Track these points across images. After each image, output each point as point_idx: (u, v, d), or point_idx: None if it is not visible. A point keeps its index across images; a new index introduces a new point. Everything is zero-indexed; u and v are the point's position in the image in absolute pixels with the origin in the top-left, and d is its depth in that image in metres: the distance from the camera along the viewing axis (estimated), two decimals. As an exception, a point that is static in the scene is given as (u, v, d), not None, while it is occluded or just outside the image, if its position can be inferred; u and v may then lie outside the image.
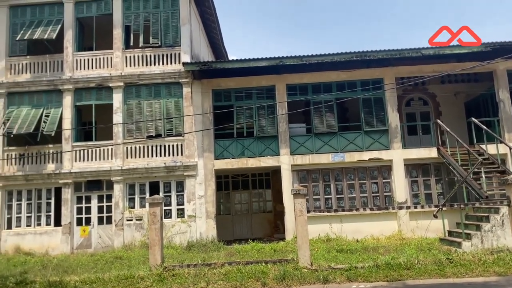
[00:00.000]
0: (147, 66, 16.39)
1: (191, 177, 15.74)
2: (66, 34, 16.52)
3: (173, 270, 9.55)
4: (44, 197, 15.94)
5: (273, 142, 16.09)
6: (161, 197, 10.75)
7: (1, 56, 16.57)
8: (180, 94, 16.25)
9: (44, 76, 16.40)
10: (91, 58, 16.58)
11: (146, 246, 14.52)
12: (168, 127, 16.06)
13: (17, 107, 16.25)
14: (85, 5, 16.78)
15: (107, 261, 12.50)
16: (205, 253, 12.98)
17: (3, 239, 15.33)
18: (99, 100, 16.38)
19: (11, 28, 16.80)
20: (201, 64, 15.82)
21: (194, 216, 15.49)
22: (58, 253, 14.91)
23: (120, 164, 15.70)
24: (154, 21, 16.49)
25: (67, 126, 15.98)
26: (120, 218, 15.41)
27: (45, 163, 16.03)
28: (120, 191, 15.59)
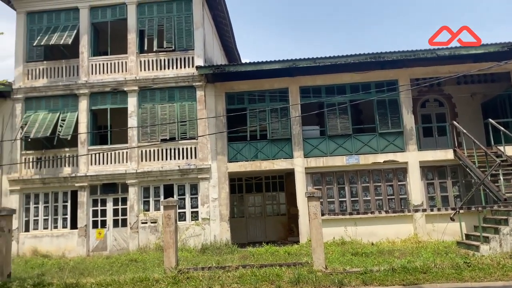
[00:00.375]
0: (161, 70, 16.52)
1: (205, 180, 15.80)
2: (81, 39, 16.77)
3: (188, 273, 9.58)
4: (60, 200, 16.17)
5: (286, 144, 16.05)
6: (175, 200, 10.80)
7: (18, 62, 16.88)
8: (194, 98, 16.34)
9: (60, 81, 16.66)
10: (106, 63, 16.79)
11: (160, 248, 14.60)
12: (182, 130, 16.16)
13: (34, 112, 16.54)
14: (100, 10, 17.02)
15: (122, 263, 12.60)
16: (219, 256, 13.01)
17: (21, 242, 15.58)
18: (114, 104, 16.57)
19: (29, 34, 17.11)
20: (214, 67, 15.90)
21: (208, 219, 15.53)
22: (75, 255, 15.10)
23: (135, 167, 15.84)
24: (167, 25, 16.63)
25: (83, 130, 16.20)
26: (135, 221, 15.54)
27: (62, 167, 16.26)
28: (135, 194, 15.72)
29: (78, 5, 16.86)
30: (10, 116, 16.57)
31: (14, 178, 16.02)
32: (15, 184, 16.03)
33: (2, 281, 9.68)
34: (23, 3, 17.04)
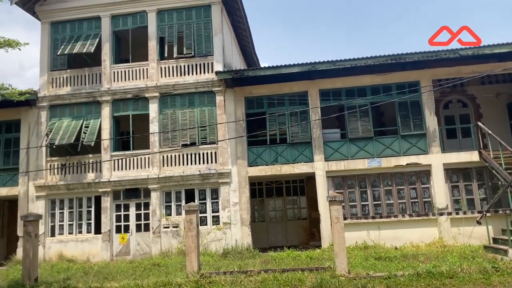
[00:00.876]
0: (181, 76, 16.70)
1: (225, 184, 15.85)
2: (103, 47, 17.12)
3: (210, 277, 9.61)
4: (84, 205, 16.47)
5: (306, 148, 15.97)
6: (197, 204, 10.87)
7: (43, 71, 17.34)
8: (214, 103, 16.45)
9: (83, 89, 17.02)
10: (127, 70, 17.08)
11: (183, 253, 14.70)
12: (202, 135, 16.28)
13: (58, 119, 16.93)
14: (121, 18, 17.35)
15: (145, 268, 12.73)
16: (241, 261, 12.99)
17: (47, 246, 15.92)
18: (136, 110, 16.83)
19: (53, 43, 17.56)
20: (233, 72, 15.97)
21: (229, 223, 15.56)
22: (99, 260, 15.33)
23: (157, 172, 16.02)
24: (187, 32, 16.82)
25: (105, 136, 16.50)
26: (158, 226, 15.70)
27: (86, 173, 16.58)
28: (157, 199, 15.89)
29: (100, 14, 17.23)
30: (36, 123, 17.01)
31: (40, 184, 16.42)
32: (41, 190, 16.43)
33: (30, 285, 9.94)
34: (48, 14, 17.52)
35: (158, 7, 17.00)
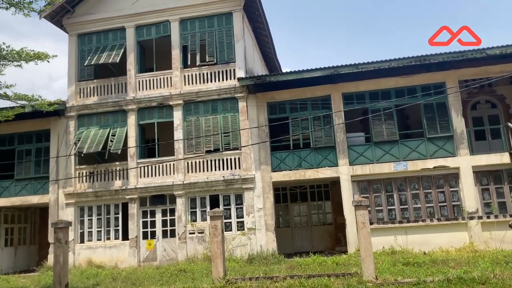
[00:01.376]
0: (204, 84, 16.89)
1: (249, 190, 15.88)
2: (128, 57, 17.51)
3: (236, 283, 9.63)
4: (112, 212, 16.81)
5: (330, 152, 15.85)
6: (221, 210, 10.93)
7: (71, 81, 17.85)
8: (236, 109, 16.55)
9: (109, 98, 17.42)
10: (152, 79, 17.40)
11: (208, 258, 14.78)
12: (226, 141, 16.38)
13: (86, 128, 17.37)
14: (145, 29, 17.72)
15: (171, 273, 12.85)
16: (266, 266, 12.96)
17: (77, 253, 16.31)
18: (161, 118, 17.10)
19: (80, 54, 18.08)
20: (255, 78, 16.04)
21: (253, 229, 15.57)
22: (126, 266, 15.59)
23: (182, 179, 16.21)
24: (209, 39, 17.02)
25: (132, 144, 16.82)
26: (183, 231, 15.85)
27: (113, 180, 16.93)
28: (182, 205, 16.06)
29: (125, 25, 17.64)
30: (65, 133, 17.51)
31: (69, 192, 16.86)
32: (70, 197, 16.87)
33: (61, 291, 10.15)
34: (75, 26, 18.06)
35: (180, 16, 17.29)
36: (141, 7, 17.48)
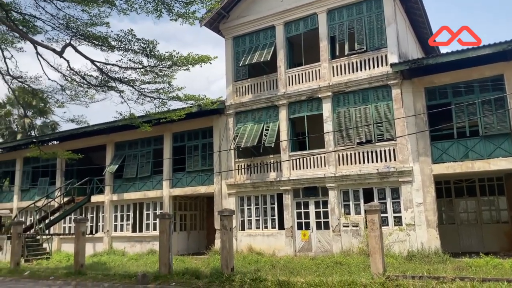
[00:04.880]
0: (353, 73, 16.44)
1: (407, 183, 14.88)
2: (278, 54, 18.11)
3: (397, 280, 9.11)
4: (268, 202, 17.69)
5: (505, 140, 13.77)
6: (378, 204, 10.46)
7: (229, 82, 19.34)
8: (389, 97, 15.66)
9: (262, 95, 18.32)
10: (301, 73, 17.68)
11: (363, 253, 14.41)
12: (379, 132, 15.65)
13: (243, 124, 18.62)
14: (293, 24, 18.07)
15: (327, 265, 12.88)
16: (429, 265, 12.00)
17: (239, 239, 17.64)
18: (310, 111, 17.27)
19: (235, 56, 19.44)
20: (410, 62, 14.89)
21: (412, 225, 14.55)
22: (283, 254, 16.22)
23: (333, 171, 16.10)
24: (358, 27, 16.47)
25: (283, 137, 17.40)
26: (337, 224, 15.74)
27: (268, 172, 17.80)
28: (335, 198, 15.95)
29: (274, 23, 18.29)
30: (225, 129, 19.08)
31: (231, 183, 18.33)
32: (231, 188, 18.33)
33: (227, 274, 11.09)
34: (230, 30, 19.49)
35: (328, 7, 17.13)
36: (289, 3, 17.89)
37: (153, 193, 20.64)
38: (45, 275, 14.09)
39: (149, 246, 19.64)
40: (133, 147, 22.06)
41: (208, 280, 10.95)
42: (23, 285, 12.97)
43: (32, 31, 12.27)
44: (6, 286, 12.99)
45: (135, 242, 20.48)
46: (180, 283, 11.11)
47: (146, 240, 20.13)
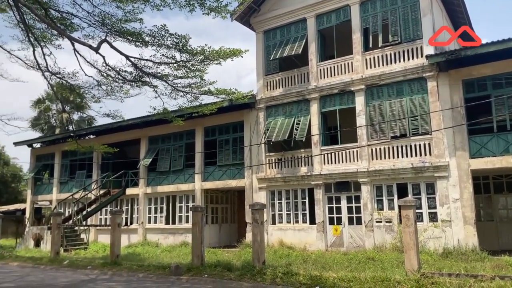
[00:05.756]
0: (387, 65, 16.07)
1: (443, 178, 14.45)
2: (310, 47, 17.92)
3: (432, 277, 8.90)
4: (299, 196, 17.61)
5: (549, 134, 13.13)
6: (413, 199, 10.21)
7: (259, 76, 19.31)
8: (425, 90, 15.22)
9: (293, 89, 18.20)
10: (333, 66, 17.44)
11: (397, 249, 14.14)
12: (413, 125, 15.25)
13: (273, 118, 18.57)
14: (325, 16, 17.82)
15: (360, 261, 12.73)
16: (466, 263, 11.65)
17: (270, 233, 17.68)
18: (342, 104, 17.02)
19: (265, 50, 19.38)
20: (447, 54, 14.38)
21: (448, 221, 14.14)
22: (314, 249, 16.14)
23: (366, 166, 15.84)
24: (392, 18, 16.05)
25: (315, 131, 17.25)
26: (370, 220, 15.50)
27: (298, 166, 17.71)
28: (368, 193, 15.70)
29: (306, 15, 18.10)
30: (255, 123, 19.10)
31: (261, 177, 18.37)
32: (262, 182, 18.37)
33: (259, 267, 11.15)
34: (261, 24, 19.43)
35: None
36: (321, -5, 17.65)
37: (186, 186, 20.98)
38: (83, 264, 14.62)
39: (182, 238, 20.01)
40: (166, 141, 22.47)
41: (240, 273, 11.05)
42: (63, 274, 13.51)
43: (69, 28, 12.63)
44: (47, 274, 13.57)
45: (168, 234, 20.92)
46: (212, 275, 11.27)
47: (179, 232, 20.52)
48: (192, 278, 11.32)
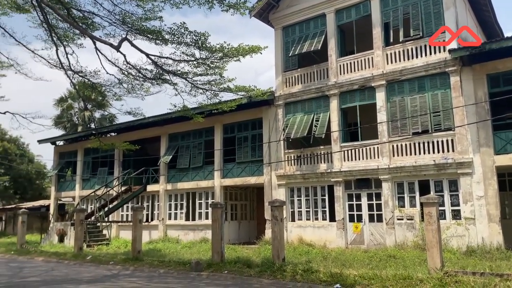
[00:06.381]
0: (408, 60, 15.79)
1: (466, 175, 14.14)
2: (329, 42, 17.75)
3: (456, 276, 8.72)
4: (319, 193, 17.51)
5: None
6: (436, 196, 10.03)
7: (278, 72, 19.24)
8: (447, 85, 14.91)
9: (312, 85, 18.06)
10: (352, 62, 17.24)
11: (419, 247, 13.94)
12: (435, 121, 14.97)
13: (292, 115, 18.49)
14: (345, 12, 17.62)
15: (380, 258, 12.59)
16: (491, 261, 11.39)
17: (289, 230, 17.63)
18: (363, 100, 16.82)
19: (284, 46, 19.29)
20: (470, 48, 14.02)
21: (472, 219, 13.84)
22: (334, 246, 16.03)
23: (387, 163, 15.63)
24: (413, 12, 15.76)
25: (334, 128, 17.10)
26: (391, 217, 15.30)
27: (318, 163, 17.60)
28: (389, 190, 15.50)
29: (325, 11, 17.93)
30: (274, 120, 19.06)
31: (280, 174, 18.33)
32: (281, 179, 18.33)
33: (279, 264, 11.15)
34: (280, 20, 19.34)
35: (381, -8, 16.54)
36: (340, -10, 17.45)
37: (205, 183, 21.12)
38: (105, 260, 14.89)
39: (202, 235, 20.16)
40: (185, 138, 22.65)
41: (260, 269, 11.07)
42: (86, 269, 13.79)
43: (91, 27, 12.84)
44: (71, 269, 13.87)
45: (189, 230, 21.11)
46: (232, 271, 11.32)
47: (199, 229, 20.68)
48: (213, 274, 11.40)
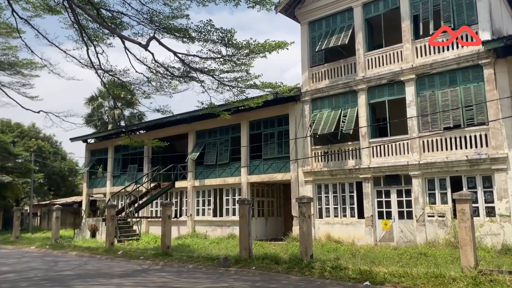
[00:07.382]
0: (439, 53, 15.36)
1: (501, 171, 13.66)
2: (356, 37, 17.47)
3: (491, 275, 8.47)
4: (347, 190, 17.31)
5: None
6: (469, 193, 9.74)
7: (304, 68, 19.09)
8: (480, 78, 14.42)
9: (340, 80, 17.84)
10: (381, 56, 16.91)
11: (450, 244, 13.60)
12: (468, 116, 14.51)
13: (319, 111, 18.32)
14: (373, 5, 17.28)
15: (411, 256, 12.35)
16: (528, 261, 10.97)
17: (317, 227, 17.52)
18: (391, 95, 16.49)
19: (311, 41, 19.12)
20: (505, 39, 13.51)
21: (508, 216, 13.37)
22: (363, 243, 15.83)
23: (417, 159, 15.28)
24: (444, 3, 15.30)
25: (363, 123, 16.84)
26: (421, 214, 14.97)
27: (346, 159, 17.39)
28: (419, 186, 15.16)
29: (352, 4, 17.65)
30: (301, 116, 18.94)
31: (307, 170, 18.22)
32: (308, 175, 18.22)
33: (307, 261, 11.11)
34: (306, 15, 19.17)
35: (410, -16, 16.13)
36: (368, -17, 17.13)
37: (232, 179, 21.24)
38: (135, 255, 15.22)
39: (229, 231, 20.31)
40: (212, 135, 22.83)
41: (288, 266, 11.06)
42: (117, 263, 14.14)
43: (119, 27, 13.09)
44: (104, 263, 14.26)
45: (216, 226, 21.31)
46: (260, 268, 11.36)
47: (226, 225, 20.84)
48: (241, 270, 11.46)
